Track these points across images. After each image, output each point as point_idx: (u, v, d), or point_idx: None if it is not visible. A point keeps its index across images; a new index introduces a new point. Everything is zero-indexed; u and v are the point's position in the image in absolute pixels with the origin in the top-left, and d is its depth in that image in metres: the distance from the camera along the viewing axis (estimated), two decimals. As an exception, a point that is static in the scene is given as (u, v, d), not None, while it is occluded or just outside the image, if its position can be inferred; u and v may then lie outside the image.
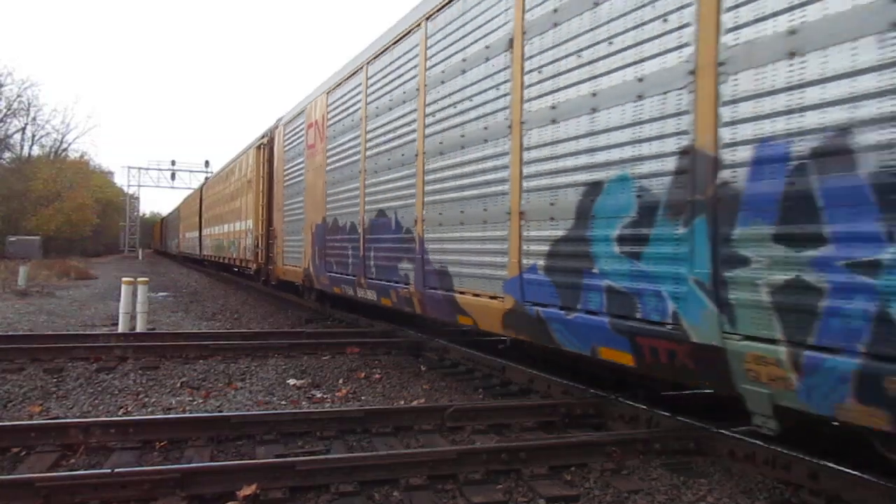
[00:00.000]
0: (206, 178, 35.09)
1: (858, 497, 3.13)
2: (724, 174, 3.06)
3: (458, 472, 3.58)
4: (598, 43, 3.87)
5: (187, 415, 4.74)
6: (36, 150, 49.70)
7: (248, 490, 3.26)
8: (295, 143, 10.83)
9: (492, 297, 4.95)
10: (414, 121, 6.25)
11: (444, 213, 5.67)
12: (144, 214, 79.04)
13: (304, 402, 5.49)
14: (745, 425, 3.58)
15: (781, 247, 2.81)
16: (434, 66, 5.90)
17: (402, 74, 6.60)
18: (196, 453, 4.03)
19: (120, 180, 76.41)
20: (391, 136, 6.82)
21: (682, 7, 3.31)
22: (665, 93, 3.40)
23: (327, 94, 8.96)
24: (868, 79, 2.50)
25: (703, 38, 3.18)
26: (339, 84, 8.50)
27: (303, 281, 10.45)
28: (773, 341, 2.86)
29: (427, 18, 6.02)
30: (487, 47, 5.03)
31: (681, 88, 3.31)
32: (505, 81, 4.78)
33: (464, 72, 5.37)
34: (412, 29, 6.36)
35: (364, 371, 6.59)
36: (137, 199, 66.14)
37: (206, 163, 59.99)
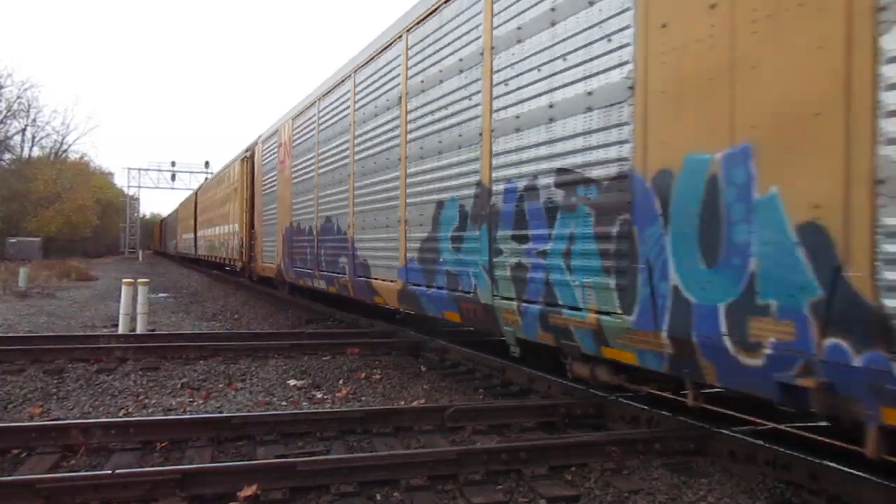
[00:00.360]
0: (206, 179, 37.50)
1: (858, 497, 3.32)
2: (493, 199, 5.23)
3: (458, 473, 3.75)
4: (441, 108, 6.07)
5: (188, 415, 4.95)
6: (36, 152, 50.77)
7: (248, 491, 3.40)
8: (270, 159, 13.28)
9: (391, 281, 7.16)
10: (347, 149, 8.51)
11: (366, 220, 7.89)
12: (145, 215, 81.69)
13: (304, 403, 5.72)
14: (745, 425, 3.90)
15: (514, 243, 4.97)
16: (360, 108, 8.14)
17: (341, 111, 8.86)
18: (196, 454, 4.18)
19: (120, 181, 78.97)
20: (333, 159, 9.09)
21: (476, 92, 5.50)
22: (471, 146, 5.59)
23: (293, 119, 11.31)
24: (543, 148, 4.66)
25: (485, 115, 5.35)
26: (301, 112, 10.84)
27: (276, 276, 12.83)
28: (511, 299, 5.02)
29: (354, 71, 8.29)
30: (388, 100, 7.27)
31: (476, 144, 5.49)
32: (397, 127, 6.99)
33: (376, 115, 7.60)
34: (345, 78, 8.67)
35: (364, 371, 6.94)
36: (137, 200, 68.80)
37: (206, 163, 61.89)
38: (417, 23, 6.57)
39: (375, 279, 7.62)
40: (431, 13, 6.29)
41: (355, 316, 10.66)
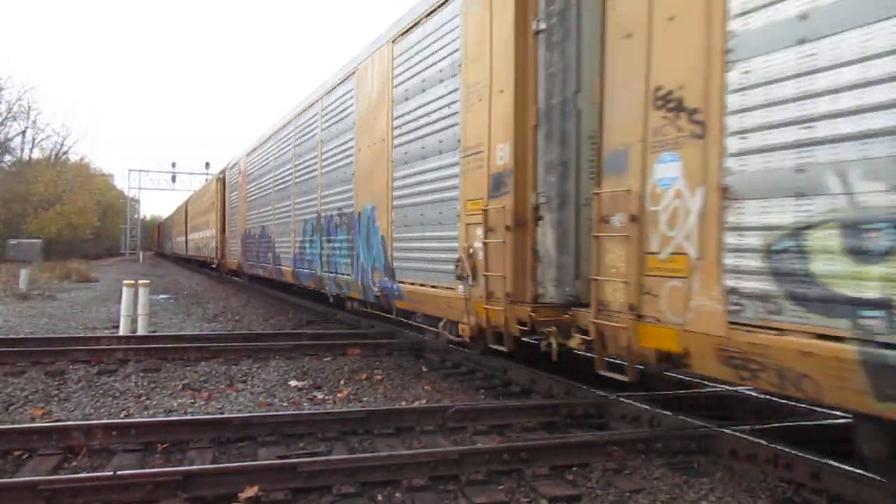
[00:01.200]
0: (206, 179, 42.30)
1: (860, 496, 3.64)
2: (322, 220, 10.95)
3: (459, 473, 4.07)
4: (306, 167, 11.85)
5: (189, 417, 5.23)
6: (36, 154, 53.60)
7: (249, 492, 3.69)
8: (234, 181, 19.56)
9: (288, 267, 12.92)
10: (271, 184, 14.49)
11: (278, 229, 13.74)
12: (145, 217, 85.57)
13: (305, 404, 6.05)
14: (746, 425, 4.29)
15: (327, 243, 10.66)
16: (279, 157, 14.02)
17: (269, 157, 14.83)
18: (198, 455, 4.44)
19: (120, 183, 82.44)
20: (269, 187, 14.94)
21: (315, 163, 11.30)
22: (314, 191, 11.28)
23: (247, 155, 17.46)
24: (333, 196, 10.39)
25: (319, 175, 11.11)
26: (250, 152, 17.00)
27: (237, 268, 19.05)
28: (327, 272, 10.70)
29: (276, 131, 14.36)
30: (287, 159, 13.05)
31: (315, 190, 11.22)
32: (290, 175, 12.80)
33: (284, 164, 13.43)
34: (273, 134, 14.82)
35: (365, 372, 7.48)
36: (138, 201, 72.26)
37: (207, 164, 64.42)
38: (306, 110, 12.13)
39: (282, 266, 13.45)
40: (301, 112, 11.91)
41: (357, 317, 11.79)
